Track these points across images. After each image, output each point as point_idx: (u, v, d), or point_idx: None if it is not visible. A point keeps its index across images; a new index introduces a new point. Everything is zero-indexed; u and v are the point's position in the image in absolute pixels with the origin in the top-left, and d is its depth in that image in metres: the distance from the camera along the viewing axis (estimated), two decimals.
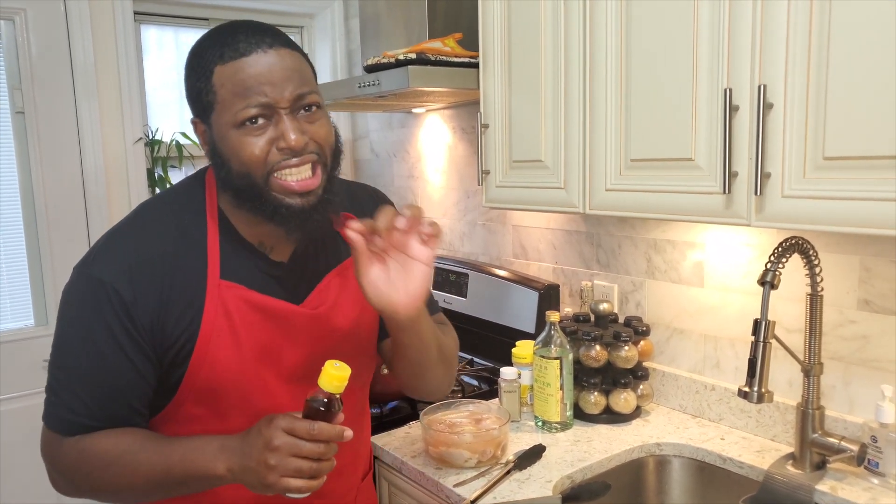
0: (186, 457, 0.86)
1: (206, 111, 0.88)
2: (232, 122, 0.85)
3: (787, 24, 1.00)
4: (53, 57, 2.02)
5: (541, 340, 1.49)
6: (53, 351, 0.91)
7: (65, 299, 0.92)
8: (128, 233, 0.93)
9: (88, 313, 0.88)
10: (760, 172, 1.04)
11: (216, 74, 0.85)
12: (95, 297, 0.88)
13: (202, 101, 0.88)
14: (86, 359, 0.89)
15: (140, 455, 0.88)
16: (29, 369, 2.04)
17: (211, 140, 0.89)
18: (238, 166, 0.87)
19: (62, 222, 2.06)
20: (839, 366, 1.28)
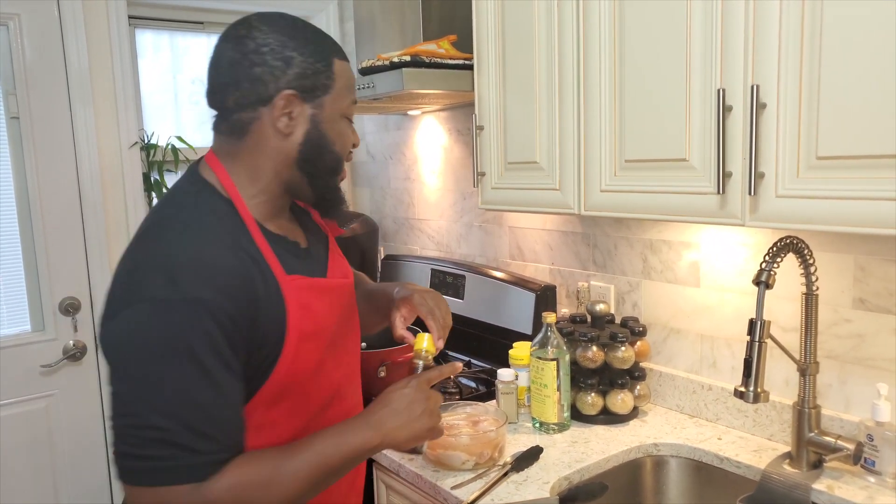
0: (340, 443, 0.89)
1: (317, 92, 0.92)
2: (342, 112, 0.96)
3: (779, 24, 1.00)
4: (48, 62, 2.01)
5: (538, 342, 1.49)
6: (136, 404, 0.80)
7: (143, 340, 0.80)
8: (192, 244, 0.85)
9: (193, 339, 0.80)
10: (754, 172, 1.04)
11: (336, 66, 0.94)
12: (197, 319, 0.80)
13: (316, 80, 0.91)
14: (200, 389, 0.81)
15: (294, 463, 0.86)
16: (25, 375, 2.03)
17: (313, 119, 0.92)
18: (340, 150, 0.97)
19: (58, 227, 2.05)
20: (835, 365, 1.28)
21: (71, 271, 2.08)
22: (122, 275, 0.85)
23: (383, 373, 1.58)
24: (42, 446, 2.07)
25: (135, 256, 0.86)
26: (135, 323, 0.80)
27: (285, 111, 0.90)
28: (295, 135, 0.92)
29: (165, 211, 0.92)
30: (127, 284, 0.83)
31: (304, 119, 0.92)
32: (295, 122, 0.91)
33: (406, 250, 2.45)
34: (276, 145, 0.92)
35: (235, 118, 0.92)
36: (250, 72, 0.89)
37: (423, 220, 2.35)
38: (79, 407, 2.12)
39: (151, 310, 0.80)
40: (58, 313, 2.07)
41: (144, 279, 0.82)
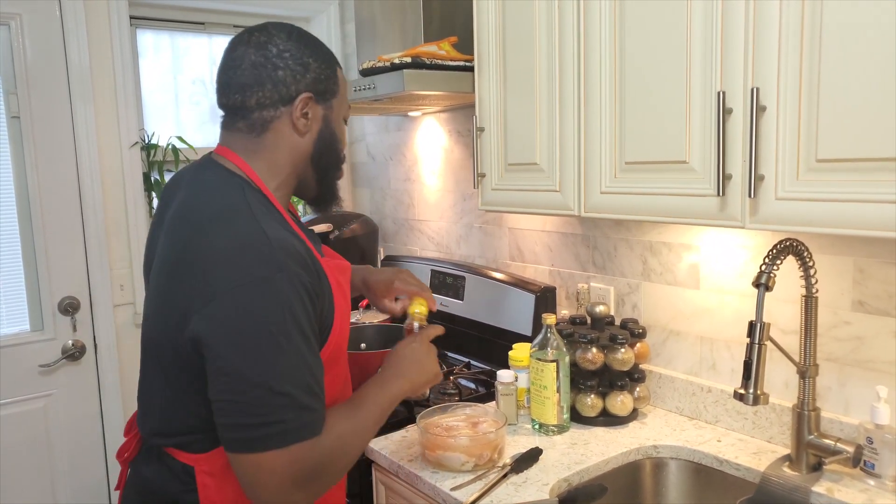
0: (386, 392, 1.06)
1: (328, 94, 1.03)
2: (343, 114, 1.08)
3: (779, 27, 1.00)
4: (49, 61, 2.02)
5: (537, 343, 1.49)
6: (262, 375, 0.86)
7: (259, 317, 0.86)
8: (269, 228, 0.92)
9: (298, 312, 0.89)
10: (754, 175, 1.04)
11: (339, 73, 1.06)
12: (296, 292, 0.90)
13: (327, 85, 1.02)
14: (309, 355, 0.91)
15: (364, 411, 1.01)
16: (25, 374, 2.03)
17: (325, 118, 1.03)
18: (341, 148, 1.09)
19: (58, 227, 2.06)
20: (834, 367, 1.28)
21: (70, 271, 2.08)
22: (210, 261, 0.90)
23: None
24: (40, 446, 2.07)
25: (217, 243, 0.91)
26: (244, 302, 0.87)
27: (304, 111, 1.00)
28: (311, 132, 1.02)
29: (222, 200, 0.96)
30: (224, 268, 0.88)
31: (319, 118, 1.02)
32: (311, 121, 1.01)
33: (406, 251, 2.45)
34: (294, 142, 1.01)
35: (256, 116, 0.99)
36: (274, 74, 0.97)
37: (423, 220, 2.35)
38: (77, 407, 2.12)
39: (256, 289, 0.87)
40: (57, 313, 2.07)
41: (241, 262, 0.88)
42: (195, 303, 0.89)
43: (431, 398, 1.73)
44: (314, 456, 0.90)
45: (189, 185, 1.02)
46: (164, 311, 0.96)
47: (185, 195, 1.01)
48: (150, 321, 1.01)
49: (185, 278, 0.91)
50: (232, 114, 1.01)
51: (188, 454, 0.99)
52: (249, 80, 0.97)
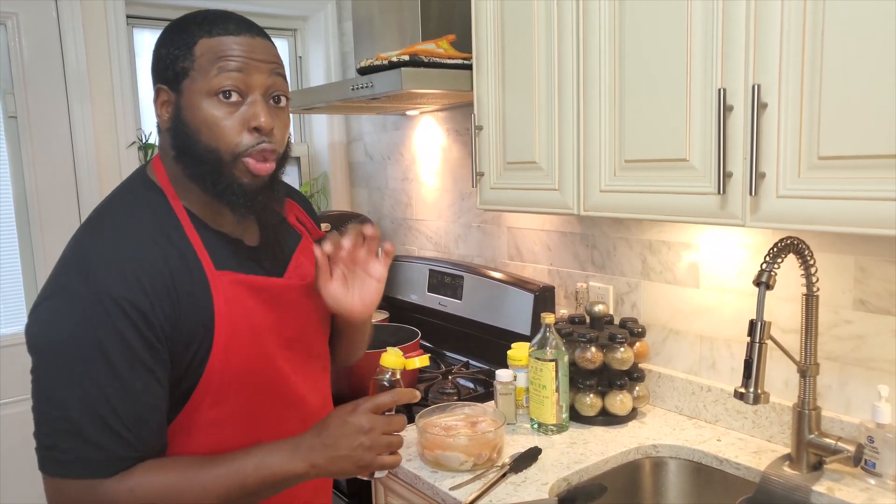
0: (261, 465, 0.86)
1: (178, 78, 0.88)
2: (206, 91, 0.86)
3: (780, 24, 1.00)
4: (45, 61, 2.01)
5: (536, 342, 1.48)
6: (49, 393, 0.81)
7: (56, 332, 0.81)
8: (114, 240, 0.85)
9: (102, 335, 0.80)
10: (755, 173, 1.03)
11: (199, 45, 0.87)
12: (107, 315, 0.80)
13: (175, 68, 0.87)
14: (109, 385, 0.80)
15: (207, 476, 0.84)
16: (22, 374, 2.00)
17: (177, 108, 0.88)
18: (207, 139, 0.87)
19: (56, 227, 2.05)
20: (835, 366, 1.28)
21: None
22: (54, 268, 0.86)
23: None
24: None
25: (65, 251, 0.87)
26: (51, 315, 0.82)
27: (162, 105, 0.90)
28: (163, 120, 0.91)
29: (103, 207, 0.93)
30: (51, 277, 0.85)
31: (170, 106, 0.90)
32: (167, 113, 0.90)
33: (404, 251, 2.44)
34: (164, 139, 0.92)
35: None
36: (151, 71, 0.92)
37: (422, 220, 2.34)
38: None
39: (65, 303, 0.81)
40: None
41: (64, 273, 0.84)
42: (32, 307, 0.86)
43: (430, 399, 1.73)
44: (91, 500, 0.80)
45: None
46: None
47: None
48: None
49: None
50: None
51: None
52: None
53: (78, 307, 0.80)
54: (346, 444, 0.87)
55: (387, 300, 2.33)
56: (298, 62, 2.68)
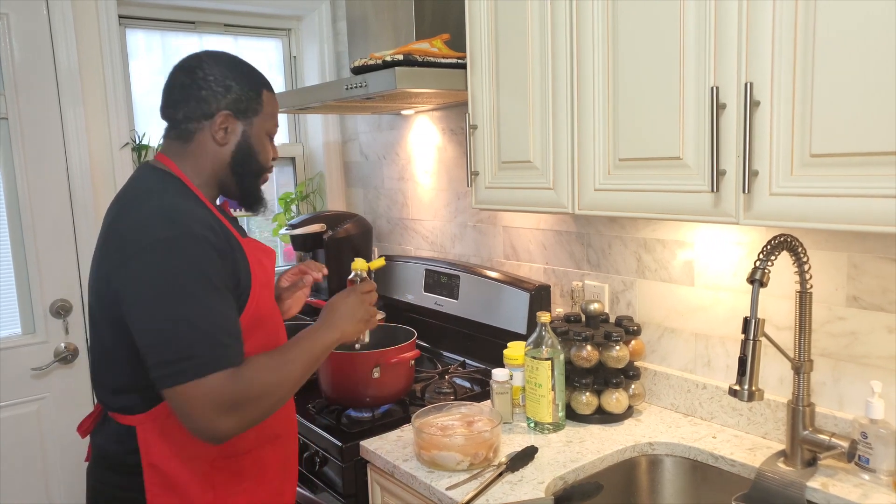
0: (316, 340, 1.16)
1: (247, 113, 1.18)
2: (266, 131, 1.23)
3: (772, 22, 1.00)
4: (37, 62, 2.00)
5: (532, 341, 1.49)
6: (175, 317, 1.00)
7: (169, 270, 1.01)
8: (172, 202, 1.09)
9: (202, 263, 1.04)
10: (748, 170, 1.04)
11: (264, 95, 1.21)
12: (199, 247, 1.03)
13: (247, 104, 1.18)
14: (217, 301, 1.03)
15: (291, 354, 1.11)
16: (16, 378, 2.02)
17: (243, 134, 1.19)
18: (263, 160, 1.23)
19: (48, 229, 2.04)
20: (829, 362, 1.28)
21: (62, 273, 2.06)
22: (124, 230, 1.06)
23: (377, 374, 1.57)
24: (34, 449, 2.05)
25: (130, 215, 1.07)
26: (153, 260, 1.02)
27: (222, 126, 1.16)
28: (229, 144, 1.18)
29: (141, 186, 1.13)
30: (136, 234, 1.04)
31: (237, 132, 1.18)
32: (229, 134, 1.18)
33: (400, 250, 2.44)
34: (214, 150, 1.18)
35: (183, 127, 1.17)
36: (197, 94, 1.15)
37: (417, 220, 2.34)
38: (70, 410, 2.10)
39: (164, 248, 1.02)
40: (48, 316, 2.06)
41: (150, 226, 1.04)
42: (115, 265, 1.05)
43: (427, 398, 1.73)
44: (234, 386, 1.01)
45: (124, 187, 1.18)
46: (95, 282, 1.11)
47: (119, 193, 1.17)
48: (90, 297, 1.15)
49: (108, 249, 1.08)
50: (168, 126, 1.19)
51: (129, 416, 1.11)
52: (178, 98, 1.16)
53: (178, 248, 1.02)
54: (357, 312, 1.24)
55: (383, 300, 2.33)
56: (293, 62, 2.68)
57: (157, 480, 1.10)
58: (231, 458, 1.15)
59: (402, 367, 1.62)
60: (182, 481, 1.10)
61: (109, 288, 1.05)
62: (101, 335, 1.12)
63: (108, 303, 1.07)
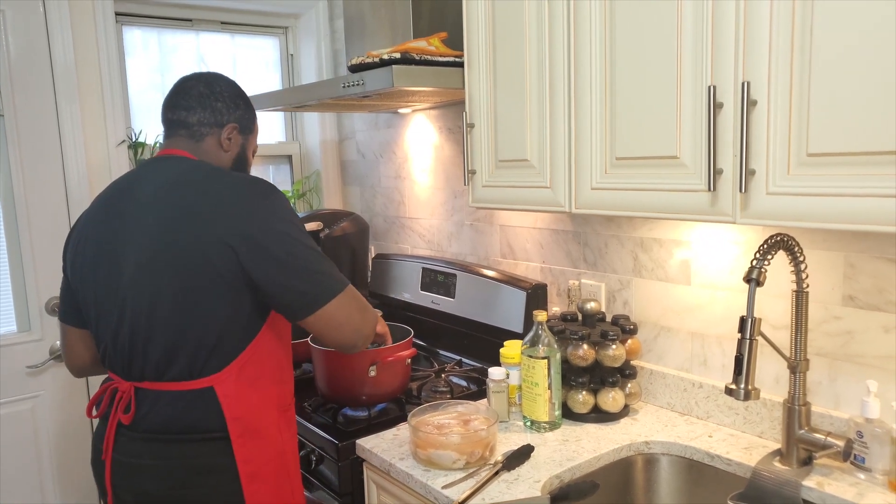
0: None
1: (247, 130, 1.38)
2: (254, 146, 1.43)
3: (769, 21, 1.00)
4: (33, 58, 1.99)
5: (528, 340, 1.49)
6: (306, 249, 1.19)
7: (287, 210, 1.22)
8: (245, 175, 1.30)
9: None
10: (745, 169, 1.04)
11: (256, 119, 1.42)
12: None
13: (248, 122, 1.38)
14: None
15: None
16: (12, 376, 2.01)
17: (242, 146, 1.38)
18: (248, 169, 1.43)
19: (44, 226, 2.03)
20: (825, 362, 1.29)
21: (57, 271, 2.02)
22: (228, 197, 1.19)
23: (374, 372, 1.57)
24: (29, 447, 2.05)
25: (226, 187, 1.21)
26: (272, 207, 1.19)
27: (229, 135, 1.34)
28: (231, 152, 1.36)
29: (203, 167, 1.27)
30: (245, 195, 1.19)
31: (237, 144, 1.37)
32: (232, 143, 1.35)
33: (397, 249, 2.44)
34: (218, 154, 1.34)
35: (196, 129, 1.32)
36: (214, 104, 1.32)
37: (414, 218, 2.34)
38: (65, 408, 2.09)
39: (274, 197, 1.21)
40: (44, 313, 2.05)
41: (254, 187, 1.21)
42: (239, 220, 1.16)
43: (423, 397, 1.73)
44: (356, 293, 1.24)
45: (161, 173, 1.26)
46: (191, 250, 1.16)
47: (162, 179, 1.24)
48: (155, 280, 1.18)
49: (215, 212, 1.17)
50: (175, 126, 1.32)
51: (205, 378, 1.18)
52: (194, 104, 1.31)
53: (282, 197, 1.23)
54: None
55: (380, 299, 2.33)
56: (290, 60, 2.67)
57: (241, 430, 1.19)
58: (286, 409, 1.30)
59: (399, 366, 1.62)
60: (261, 427, 1.22)
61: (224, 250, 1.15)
62: (176, 305, 1.17)
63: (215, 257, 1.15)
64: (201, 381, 1.19)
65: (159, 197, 1.21)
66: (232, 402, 1.19)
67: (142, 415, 1.20)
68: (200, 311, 1.17)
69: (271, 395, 1.25)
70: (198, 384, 1.18)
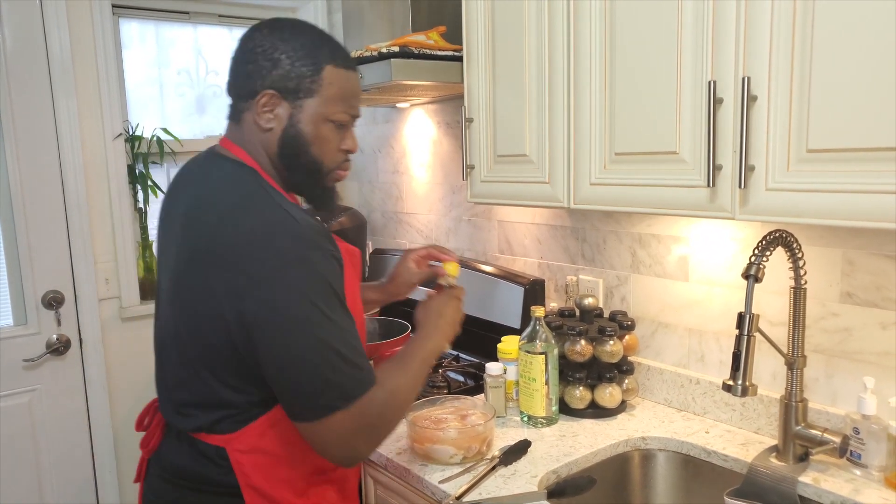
0: (427, 349, 1.11)
1: (299, 94, 1.00)
2: (326, 116, 1.01)
3: (770, 16, 1.00)
4: (29, 51, 1.98)
5: (526, 335, 1.48)
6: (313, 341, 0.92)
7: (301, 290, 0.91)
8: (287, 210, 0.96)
9: (334, 282, 0.94)
10: (744, 165, 1.03)
11: (327, 72, 1.00)
12: (328, 265, 0.94)
13: (300, 84, 0.99)
14: (349, 322, 0.96)
15: (409, 364, 1.06)
16: (9, 369, 2.00)
17: (291, 119, 1.00)
18: (316, 152, 1.03)
19: (41, 220, 2.02)
20: (822, 358, 1.29)
21: (54, 264, 2.05)
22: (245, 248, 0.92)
23: None
24: (25, 441, 2.04)
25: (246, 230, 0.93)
26: (289, 281, 0.91)
27: (266, 108, 1.00)
28: (274, 130, 1.01)
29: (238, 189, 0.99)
30: (262, 252, 0.91)
31: (283, 117, 1.01)
32: (275, 119, 1.01)
33: (395, 244, 2.44)
34: (260, 137, 1.03)
35: (234, 107, 1.04)
36: (244, 68, 1.00)
37: (412, 213, 2.34)
38: (62, 402, 2.09)
39: (299, 267, 0.91)
40: (41, 307, 2.04)
41: (278, 244, 0.91)
42: (239, 288, 0.91)
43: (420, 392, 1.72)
44: (372, 409, 0.95)
45: (199, 181, 1.04)
46: (194, 301, 0.96)
47: (196, 190, 1.03)
48: (173, 312, 1.02)
49: (218, 267, 0.93)
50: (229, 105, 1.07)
51: (218, 436, 1.01)
52: (230, 74, 1.03)
53: (312, 266, 0.92)
54: (456, 317, 1.21)
55: None
56: None
57: (258, 500, 1.00)
58: (323, 472, 1.08)
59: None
60: (282, 498, 1.02)
61: (230, 313, 0.92)
62: (183, 350, 1.00)
63: (222, 329, 0.93)
64: (213, 437, 1.01)
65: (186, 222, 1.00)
66: (249, 469, 1.00)
67: (163, 452, 1.08)
68: (206, 372, 0.99)
69: (304, 460, 1.04)
70: (210, 439, 1.01)
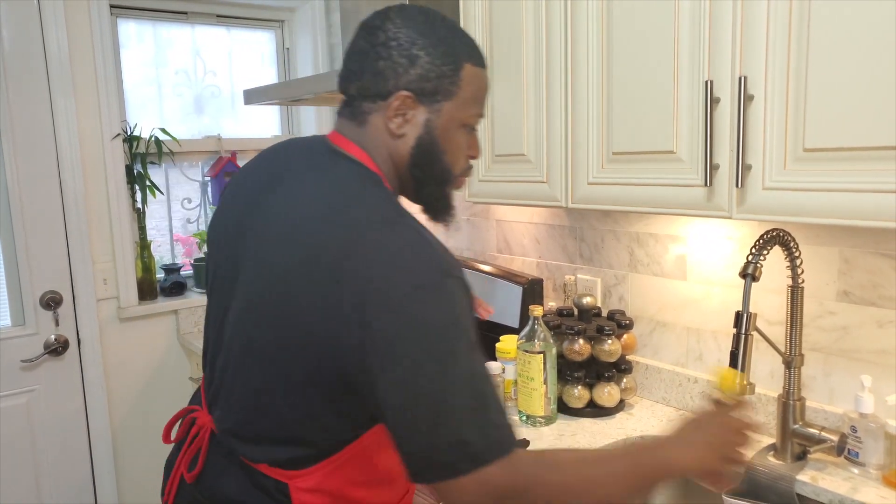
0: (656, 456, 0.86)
1: (437, 96, 0.88)
2: (462, 121, 0.91)
3: (767, 16, 1.00)
4: (27, 51, 1.98)
5: (524, 335, 1.49)
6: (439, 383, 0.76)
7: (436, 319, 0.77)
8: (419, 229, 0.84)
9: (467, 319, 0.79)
10: (741, 165, 1.04)
11: (466, 71, 0.89)
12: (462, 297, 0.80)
13: (440, 84, 0.88)
14: (481, 366, 0.80)
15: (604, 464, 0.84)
16: (6, 370, 2.00)
17: (427, 125, 0.89)
18: (450, 158, 0.92)
19: (39, 220, 2.02)
20: (819, 357, 1.29)
21: (52, 265, 2.05)
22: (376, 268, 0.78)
23: None
24: (23, 442, 2.04)
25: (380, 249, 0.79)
26: (417, 310, 0.77)
27: (399, 111, 0.88)
28: (407, 137, 0.90)
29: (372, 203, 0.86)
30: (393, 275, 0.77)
31: (419, 123, 0.89)
32: (409, 123, 0.89)
33: None
34: (389, 143, 0.90)
35: (357, 105, 0.91)
36: (375, 65, 0.87)
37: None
38: (60, 402, 2.09)
39: (429, 295, 0.77)
40: (38, 307, 2.04)
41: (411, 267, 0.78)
42: (359, 311, 0.77)
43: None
44: (505, 480, 0.77)
45: (313, 178, 0.89)
46: (297, 316, 0.82)
47: (311, 189, 0.88)
48: (263, 326, 0.86)
49: (339, 283, 0.78)
50: (343, 100, 0.94)
51: (283, 471, 0.88)
52: (354, 68, 0.90)
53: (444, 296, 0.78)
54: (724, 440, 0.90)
55: None
56: (286, 54, 2.66)
57: None
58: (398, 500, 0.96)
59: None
60: None
61: (346, 336, 0.78)
62: (263, 378, 0.87)
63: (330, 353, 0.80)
64: (276, 471, 0.88)
65: (281, 237, 0.85)
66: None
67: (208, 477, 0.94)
68: (280, 400, 0.86)
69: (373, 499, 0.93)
70: (272, 473, 0.88)
